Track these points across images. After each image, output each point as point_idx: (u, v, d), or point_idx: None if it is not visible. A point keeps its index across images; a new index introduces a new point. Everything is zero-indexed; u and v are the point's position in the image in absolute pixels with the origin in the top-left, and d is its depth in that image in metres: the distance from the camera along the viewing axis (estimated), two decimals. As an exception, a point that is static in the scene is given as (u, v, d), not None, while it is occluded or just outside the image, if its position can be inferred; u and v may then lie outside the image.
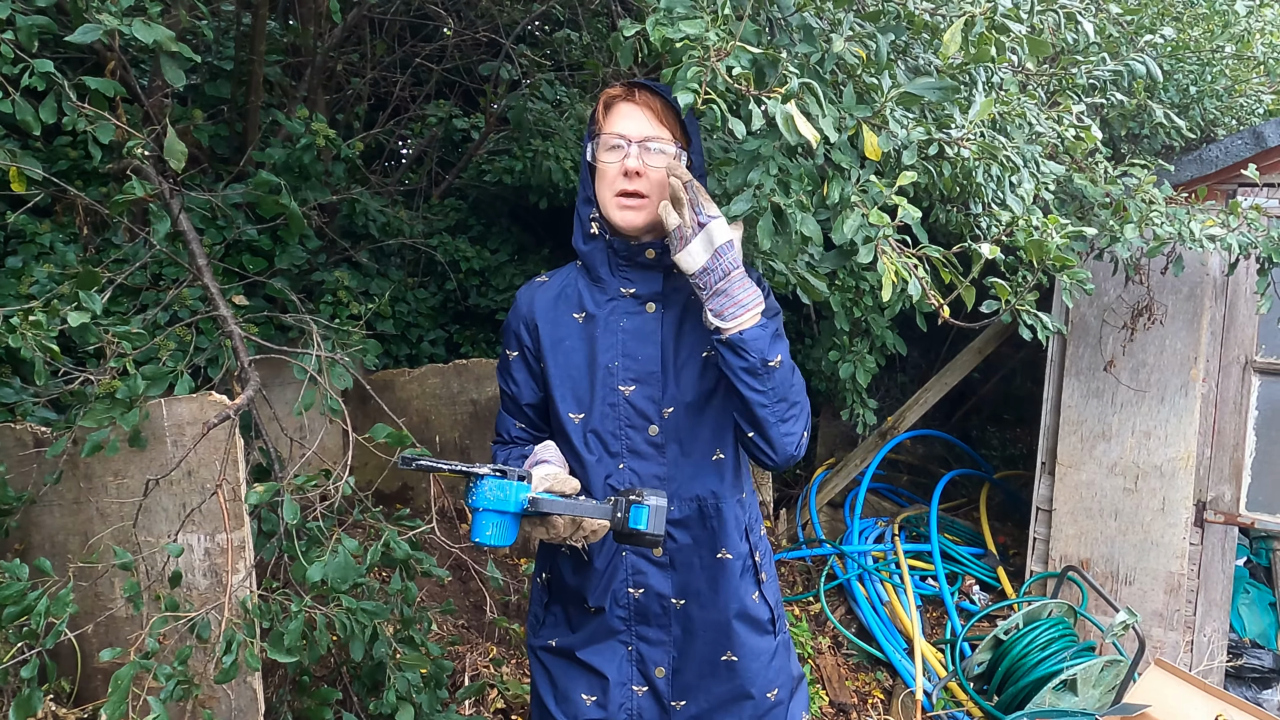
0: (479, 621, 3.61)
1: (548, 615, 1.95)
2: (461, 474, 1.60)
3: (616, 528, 1.63)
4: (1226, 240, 2.81)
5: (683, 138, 1.79)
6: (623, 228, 1.78)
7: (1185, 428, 3.82)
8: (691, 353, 1.83)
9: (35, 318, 2.01)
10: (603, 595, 1.84)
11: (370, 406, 3.69)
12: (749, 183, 1.58)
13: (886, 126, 1.65)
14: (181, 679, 2.06)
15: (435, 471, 1.61)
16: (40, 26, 2.15)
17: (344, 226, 4.21)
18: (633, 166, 1.73)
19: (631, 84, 1.79)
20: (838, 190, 1.58)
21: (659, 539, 1.62)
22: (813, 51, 1.63)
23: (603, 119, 1.80)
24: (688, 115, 1.78)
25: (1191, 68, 3.82)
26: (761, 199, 1.57)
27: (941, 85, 1.71)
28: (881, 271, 1.55)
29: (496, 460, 1.91)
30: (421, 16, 4.56)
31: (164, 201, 2.61)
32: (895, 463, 5.78)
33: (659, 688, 1.85)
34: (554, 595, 1.94)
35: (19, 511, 2.44)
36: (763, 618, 1.92)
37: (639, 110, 1.76)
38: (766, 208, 1.58)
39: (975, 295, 1.86)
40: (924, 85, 1.72)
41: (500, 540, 1.60)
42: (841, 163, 1.63)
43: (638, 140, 1.74)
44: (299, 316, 2.89)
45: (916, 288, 1.59)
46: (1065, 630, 3.58)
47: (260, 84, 3.56)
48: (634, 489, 1.63)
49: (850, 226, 1.55)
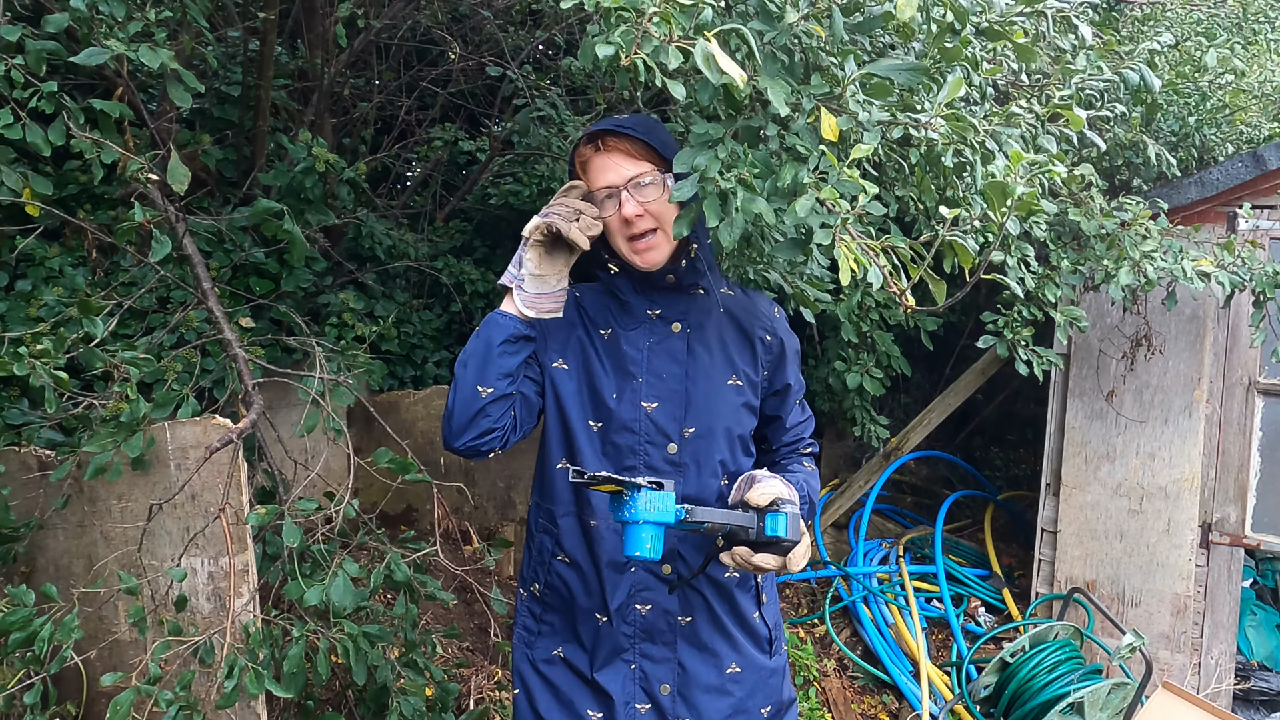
0: (483, 644, 3.60)
1: (542, 626, 1.94)
2: (618, 484, 1.58)
3: (754, 539, 1.64)
4: (1219, 278, 2.82)
5: (663, 162, 1.79)
6: (647, 269, 1.80)
7: (1189, 449, 3.82)
8: (715, 376, 1.85)
9: (43, 345, 2.02)
10: (613, 600, 1.84)
11: (375, 428, 3.70)
12: (695, 167, 1.55)
13: (847, 109, 1.60)
14: (184, 704, 2.06)
15: (602, 484, 1.59)
16: (49, 51, 2.19)
17: (350, 249, 4.23)
18: (631, 212, 1.74)
19: (594, 135, 1.79)
20: (790, 174, 1.54)
21: (796, 544, 1.64)
22: (767, 30, 1.57)
23: (585, 179, 1.81)
24: (663, 140, 1.80)
25: (1189, 98, 3.85)
26: (707, 184, 1.54)
27: (910, 66, 1.62)
28: (838, 257, 1.51)
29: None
30: (427, 41, 4.60)
31: (170, 226, 2.63)
32: (899, 484, 5.77)
33: (663, 705, 1.85)
34: (549, 606, 1.93)
35: (26, 537, 2.45)
36: (762, 636, 1.95)
37: (611, 158, 1.77)
38: (712, 191, 1.54)
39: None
40: (891, 66, 1.63)
41: (655, 553, 1.58)
42: (797, 146, 1.57)
43: (624, 184, 1.75)
44: (303, 339, 2.91)
45: (876, 275, 1.53)
46: (1072, 653, 3.56)
47: (267, 108, 3.59)
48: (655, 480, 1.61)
49: (803, 207, 1.50)
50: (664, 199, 1.77)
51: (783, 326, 1.98)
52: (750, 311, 1.95)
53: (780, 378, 1.96)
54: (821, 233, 1.49)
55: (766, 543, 1.64)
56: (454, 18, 4.52)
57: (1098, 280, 2.87)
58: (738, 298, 1.96)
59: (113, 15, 2.13)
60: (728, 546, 1.68)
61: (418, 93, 4.72)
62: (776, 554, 1.65)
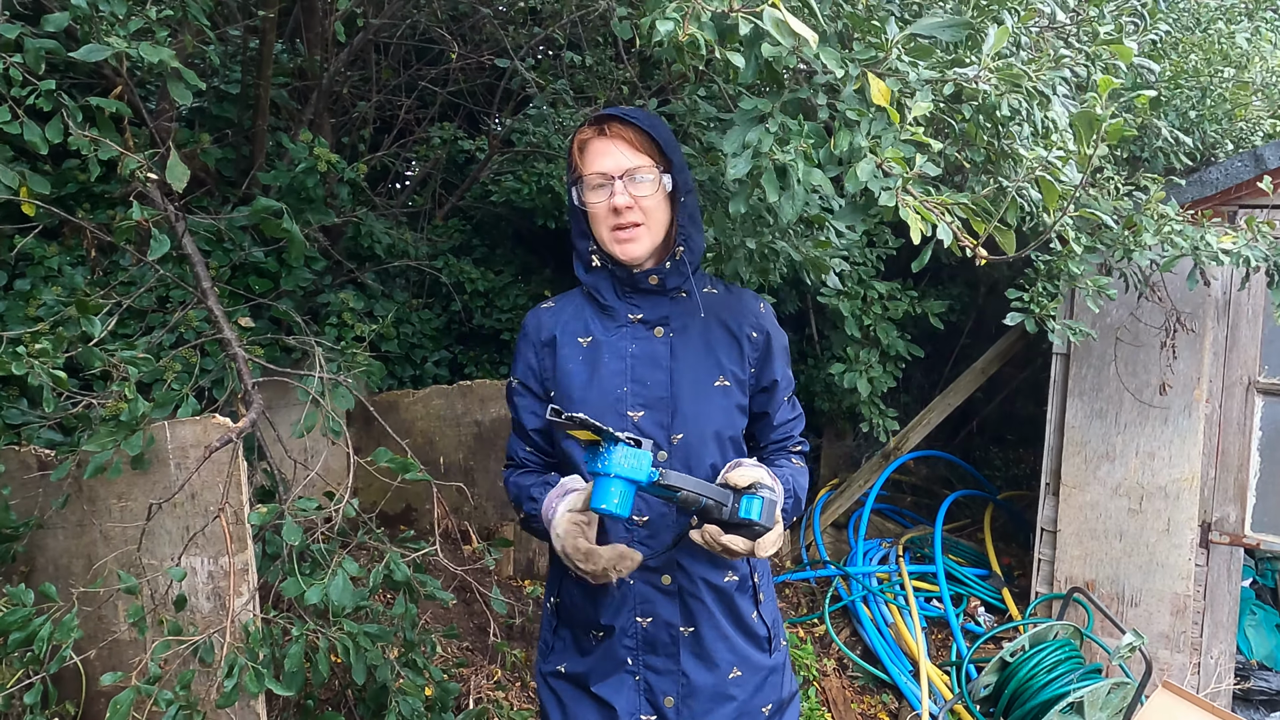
0: (483, 644, 3.59)
1: (556, 640, 1.95)
2: (596, 431, 1.54)
3: (727, 518, 1.62)
4: (1241, 253, 2.80)
5: (663, 159, 1.79)
6: (625, 261, 1.79)
7: (1189, 449, 3.82)
8: (701, 379, 1.83)
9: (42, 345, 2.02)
10: (614, 615, 1.83)
11: (374, 428, 3.69)
12: (748, 143, 1.54)
13: (896, 73, 1.57)
14: (184, 704, 2.06)
15: (579, 427, 1.55)
16: (48, 50, 2.18)
17: (349, 248, 4.23)
18: (622, 204, 1.73)
19: (600, 118, 1.78)
20: (846, 140, 1.52)
21: (768, 530, 1.62)
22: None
23: (580, 161, 1.79)
24: (666, 137, 1.79)
25: (1191, 92, 3.84)
26: (762, 159, 1.52)
27: (953, 22, 1.61)
28: (905, 216, 1.49)
29: (522, 485, 1.91)
30: (426, 40, 4.60)
31: (169, 224, 2.62)
32: (899, 483, 5.77)
33: (667, 716, 1.85)
34: (563, 619, 1.94)
35: (25, 537, 2.44)
36: (761, 636, 1.94)
37: (613, 144, 1.76)
38: (768, 166, 1.53)
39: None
40: (934, 24, 1.62)
41: (623, 509, 1.54)
42: (848, 113, 1.56)
43: (620, 175, 1.74)
44: (303, 339, 2.90)
45: (946, 232, 1.50)
46: (1072, 652, 3.56)
47: (267, 107, 3.59)
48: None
49: (865, 172, 1.48)
50: (656, 196, 1.76)
51: (770, 322, 1.96)
52: (737, 309, 1.92)
53: (767, 373, 1.93)
54: (885, 195, 1.47)
55: (738, 524, 1.62)
56: (453, 16, 4.51)
57: (1116, 258, 2.84)
58: (722, 296, 1.94)
59: (114, 13, 2.12)
60: (700, 525, 1.66)
61: (417, 92, 4.72)
62: (746, 537, 1.64)
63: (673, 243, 1.84)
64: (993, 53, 1.66)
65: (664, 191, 1.79)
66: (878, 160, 1.48)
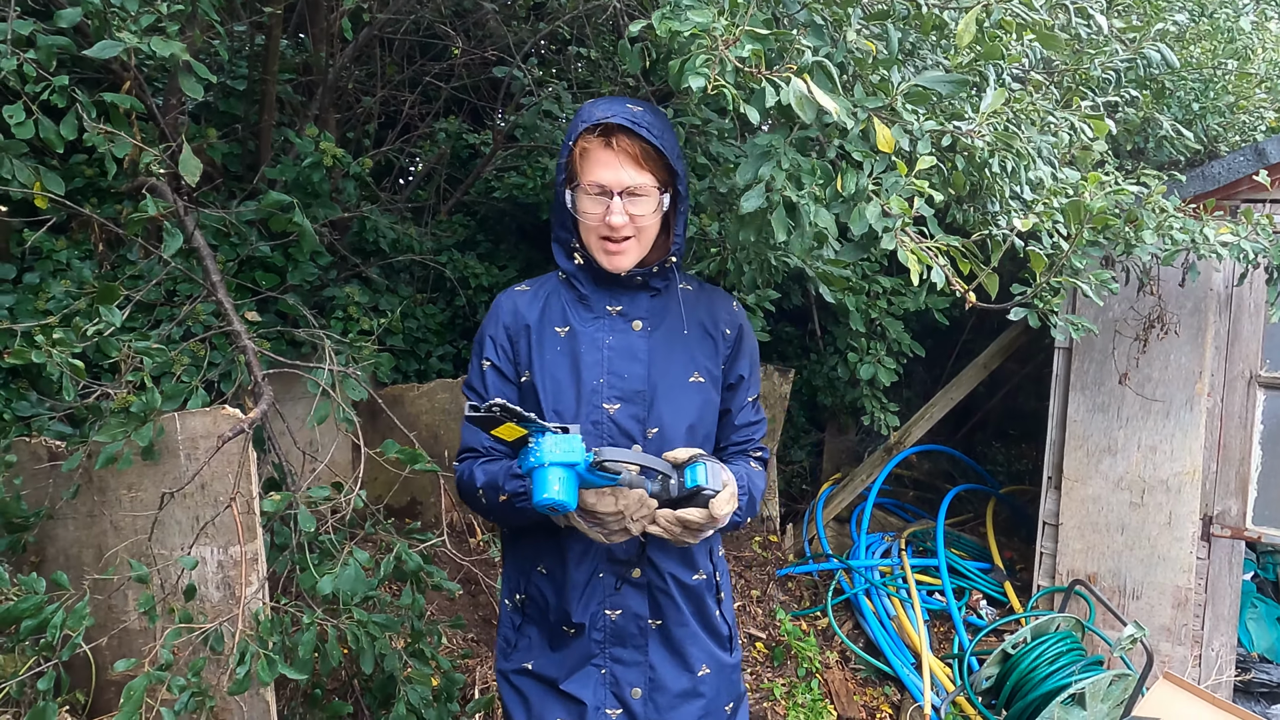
0: (488, 635, 3.62)
1: (520, 638, 1.93)
2: (521, 421, 1.51)
3: (675, 493, 1.63)
4: (1240, 246, 2.82)
5: (665, 175, 1.74)
6: (611, 271, 1.78)
7: (1191, 442, 3.83)
8: (678, 375, 1.82)
9: (59, 334, 2.04)
10: (584, 611, 1.82)
11: (381, 420, 3.71)
12: (760, 177, 1.58)
13: (900, 119, 1.64)
14: (195, 691, 2.08)
15: (502, 424, 1.52)
16: (60, 46, 2.20)
17: (354, 243, 4.24)
18: (618, 223, 1.71)
19: (609, 127, 1.70)
20: (853, 182, 1.57)
21: (717, 493, 1.62)
22: (821, 45, 1.62)
23: (580, 167, 1.74)
24: (673, 147, 1.75)
25: (1194, 84, 3.85)
26: (774, 194, 1.57)
27: (952, 79, 1.68)
28: (904, 259, 1.55)
29: (492, 470, 1.83)
30: (431, 36, 4.61)
31: (179, 219, 2.64)
32: (901, 478, 5.79)
33: (634, 709, 1.84)
34: (528, 617, 1.92)
35: (35, 527, 2.46)
36: (723, 634, 1.96)
37: (617, 158, 1.70)
38: (779, 202, 1.57)
39: (998, 290, 1.84)
40: (935, 79, 1.69)
41: (568, 496, 1.52)
42: (854, 154, 1.62)
43: (619, 191, 1.70)
44: (311, 331, 2.92)
45: (940, 275, 1.58)
46: (1073, 644, 3.58)
47: (273, 102, 3.61)
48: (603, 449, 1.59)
49: (872, 214, 1.54)
50: (653, 215, 1.74)
51: (743, 321, 1.95)
52: (712, 307, 1.92)
53: (734, 370, 1.91)
54: (886, 237, 1.55)
55: (688, 496, 1.63)
56: (457, 12, 4.53)
57: (1118, 252, 2.86)
58: (699, 293, 1.93)
59: (125, 8, 2.14)
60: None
61: (421, 87, 4.73)
62: (699, 505, 1.63)
63: (662, 250, 1.83)
64: (989, 111, 1.73)
65: (661, 209, 1.76)
66: (882, 204, 1.54)
